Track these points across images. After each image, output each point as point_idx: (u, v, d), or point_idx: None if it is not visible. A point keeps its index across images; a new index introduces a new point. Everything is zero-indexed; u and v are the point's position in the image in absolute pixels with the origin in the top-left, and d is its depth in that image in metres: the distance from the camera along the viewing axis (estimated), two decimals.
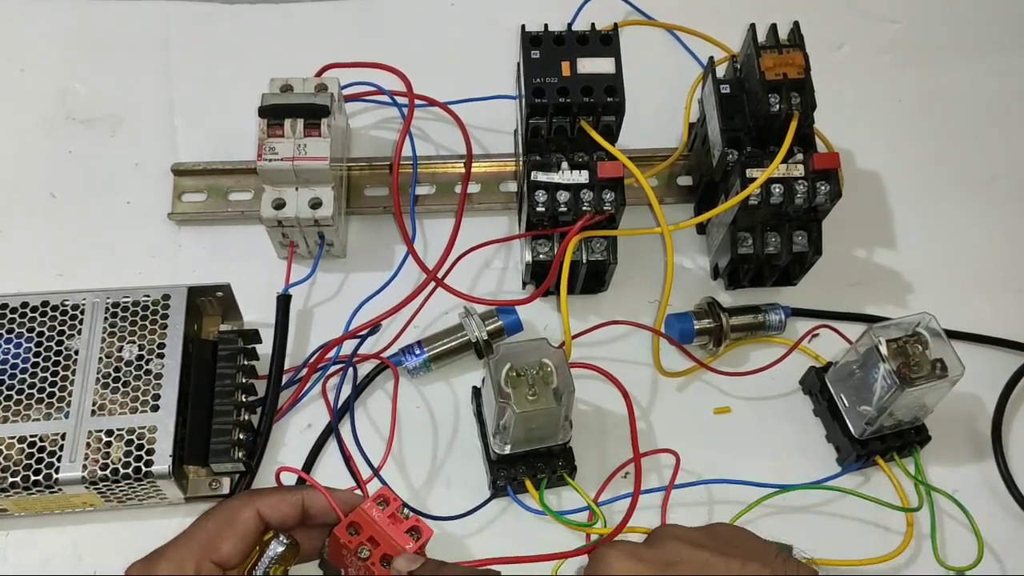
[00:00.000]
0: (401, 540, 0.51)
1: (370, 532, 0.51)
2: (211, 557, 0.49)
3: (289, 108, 0.67)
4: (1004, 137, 0.83)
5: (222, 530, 0.50)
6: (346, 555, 0.52)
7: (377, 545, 0.51)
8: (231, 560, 0.49)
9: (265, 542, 0.51)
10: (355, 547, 0.51)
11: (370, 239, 0.75)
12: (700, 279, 0.76)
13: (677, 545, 0.44)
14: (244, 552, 0.50)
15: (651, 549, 0.44)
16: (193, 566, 0.48)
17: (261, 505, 0.51)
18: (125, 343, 0.62)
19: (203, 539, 0.49)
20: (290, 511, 0.52)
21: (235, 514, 0.50)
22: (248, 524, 0.50)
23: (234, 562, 0.49)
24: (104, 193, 0.76)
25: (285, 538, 0.51)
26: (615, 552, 0.44)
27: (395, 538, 0.51)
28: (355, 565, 0.51)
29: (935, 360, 0.62)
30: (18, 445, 0.59)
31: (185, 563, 0.48)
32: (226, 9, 0.85)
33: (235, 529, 0.50)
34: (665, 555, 0.43)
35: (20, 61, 0.82)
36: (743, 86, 0.69)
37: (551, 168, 0.66)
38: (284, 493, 0.52)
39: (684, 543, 0.44)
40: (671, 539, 0.44)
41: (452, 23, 0.86)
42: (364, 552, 0.51)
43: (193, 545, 0.49)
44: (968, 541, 0.65)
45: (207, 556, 0.49)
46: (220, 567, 0.49)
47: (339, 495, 0.52)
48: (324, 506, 0.52)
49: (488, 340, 0.68)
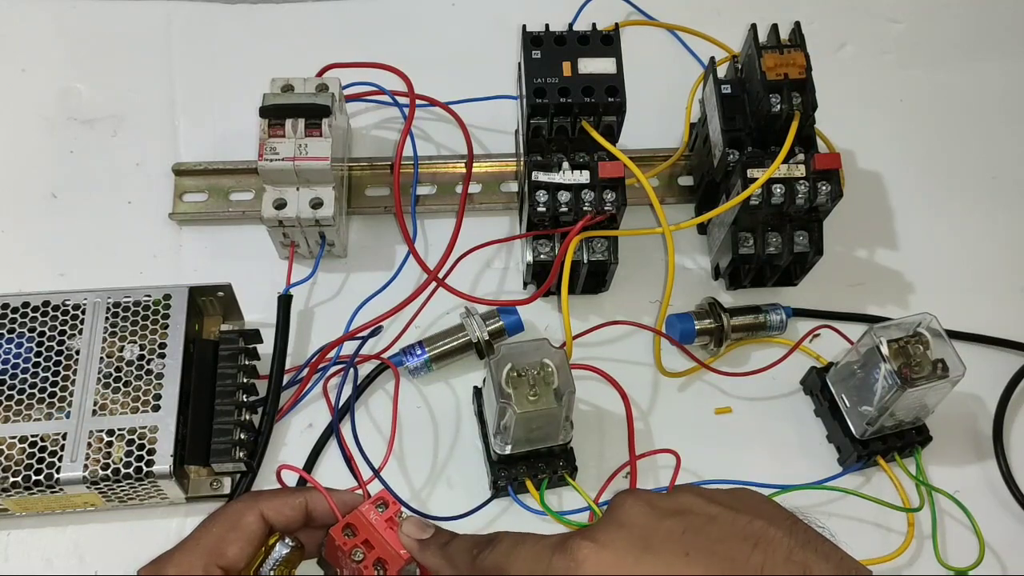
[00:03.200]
0: (396, 545, 0.51)
1: (366, 535, 0.51)
2: (217, 562, 0.49)
3: (290, 108, 0.67)
4: (1006, 137, 0.83)
5: (227, 534, 0.50)
6: (341, 557, 0.51)
7: (372, 548, 0.51)
8: (237, 564, 0.50)
9: (270, 545, 0.51)
10: (349, 549, 0.51)
11: (371, 239, 0.75)
12: (701, 279, 0.76)
13: (691, 497, 0.45)
14: (249, 556, 0.50)
15: (666, 497, 0.45)
16: (200, 571, 0.49)
17: (265, 508, 0.51)
18: (126, 343, 0.62)
19: (209, 544, 0.50)
20: (293, 513, 0.52)
21: (239, 518, 0.51)
22: (252, 528, 0.51)
23: (240, 566, 0.50)
24: (105, 193, 0.76)
25: (290, 540, 0.51)
26: (631, 498, 0.45)
27: (390, 542, 0.51)
28: (349, 567, 0.51)
29: (936, 360, 0.62)
30: (19, 445, 0.59)
31: (192, 568, 0.49)
32: (227, 9, 0.85)
33: (240, 533, 0.50)
34: (677, 504, 0.44)
35: (21, 61, 0.82)
36: (744, 86, 0.69)
37: (552, 168, 0.66)
38: (287, 495, 0.53)
39: (700, 496, 0.45)
40: (688, 492, 0.45)
41: (453, 23, 0.86)
42: (358, 555, 0.51)
43: (199, 550, 0.50)
44: (969, 541, 0.65)
45: (213, 561, 0.49)
46: (226, 571, 0.49)
47: (339, 496, 0.53)
48: (326, 507, 0.52)
49: (489, 340, 0.68)
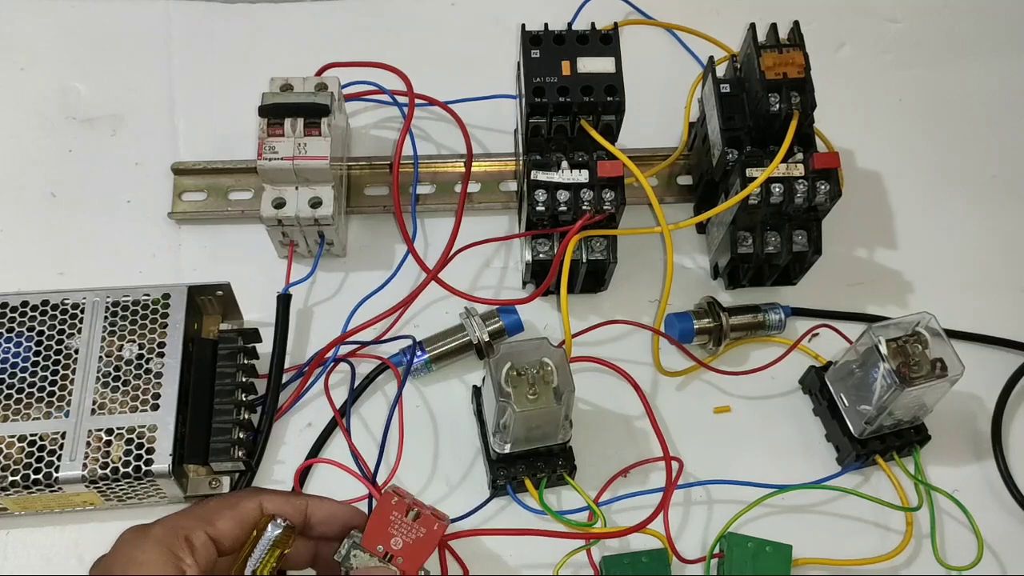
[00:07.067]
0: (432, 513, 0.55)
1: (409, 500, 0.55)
2: (206, 528, 0.49)
3: (289, 107, 0.67)
4: (1005, 136, 0.83)
5: (222, 509, 0.50)
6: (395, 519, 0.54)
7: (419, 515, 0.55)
8: (226, 537, 0.50)
9: (262, 525, 0.51)
10: (405, 510, 0.54)
11: (370, 238, 0.75)
12: (700, 278, 0.76)
13: None
14: (239, 536, 0.50)
15: None
16: (187, 532, 0.48)
17: (266, 500, 0.52)
18: (125, 342, 0.62)
19: (201, 513, 0.50)
20: (292, 513, 0.52)
21: (238, 500, 0.51)
22: (248, 511, 0.51)
23: (228, 541, 0.50)
24: (104, 192, 0.76)
25: (282, 520, 0.51)
26: None
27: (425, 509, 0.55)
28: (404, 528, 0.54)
29: (935, 360, 0.62)
30: (18, 444, 0.59)
31: (179, 528, 0.48)
32: (226, 8, 0.85)
33: (235, 511, 0.50)
34: None
35: (21, 60, 0.82)
36: (743, 86, 0.69)
37: (551, 167, 0.66)
38: (290, 495, 0.53)
39: None
40: None
41: (452, 23, 0.86)
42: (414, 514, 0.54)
43: (191, 515, 0.50)
44: (968, 541, 0.65)
45: (202, 526, 0.49)
46: (214, 541, 0.49)
47: (343, 510, 0.54)
48: (326, 517, 0.53)
49: (489, 341, 0.68)
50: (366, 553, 0.53)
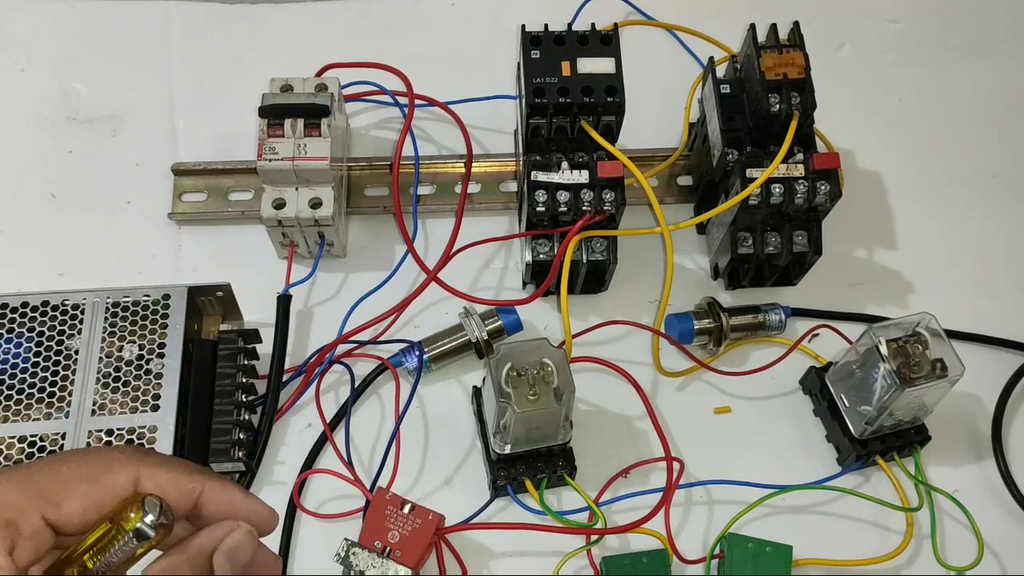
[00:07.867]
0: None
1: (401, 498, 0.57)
2: (45, 511, 0.37)
3: (289, 108, 0.67)
4: (1005, 136, 0.83)
5: (75, 484, 0.37)
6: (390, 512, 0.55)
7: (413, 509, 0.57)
8: (69, 524, 0.37)
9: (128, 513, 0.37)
10: (399, 504, 0.55)
11: (370, 239, 0.75)
12: (700, 279, 0.76)
13: None
14: (92, 521, 0.38)
15: None
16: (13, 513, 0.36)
17: (145, 474, 0.39)
18: (125, 343, 0.62)
19: (44, 486, 0.37)
20: (179, 499, 0.39)
21: (104, 471, 0.38)
22: (114, 490, 0.38)
23: (76, 527, 0.37)
24: (104, 193, 0.76)
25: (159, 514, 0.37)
26: None
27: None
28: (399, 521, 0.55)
29: (935, 360, 0.62)
30: (18, 445, 0.59)
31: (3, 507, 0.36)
32: (226, 9, 0.85)
33: (96, 487, 0.38)
34: None
35: (21, 61, 0.82)
36: (743, 86, 0.69)
37: (551, 168, 0.66)
38: (181, 474, 0.40)
39: None
40: None
41: (452, 23, 0.86)
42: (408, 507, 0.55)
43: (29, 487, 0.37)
44: (968, 541, 0.65)
45: (41, 508, 0.37)
46: (52, 527, 0.37)
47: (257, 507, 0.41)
48: (222, 512, 0.40)
49: (488, 340, 0.68)
50: (365, 550, 0.53)
